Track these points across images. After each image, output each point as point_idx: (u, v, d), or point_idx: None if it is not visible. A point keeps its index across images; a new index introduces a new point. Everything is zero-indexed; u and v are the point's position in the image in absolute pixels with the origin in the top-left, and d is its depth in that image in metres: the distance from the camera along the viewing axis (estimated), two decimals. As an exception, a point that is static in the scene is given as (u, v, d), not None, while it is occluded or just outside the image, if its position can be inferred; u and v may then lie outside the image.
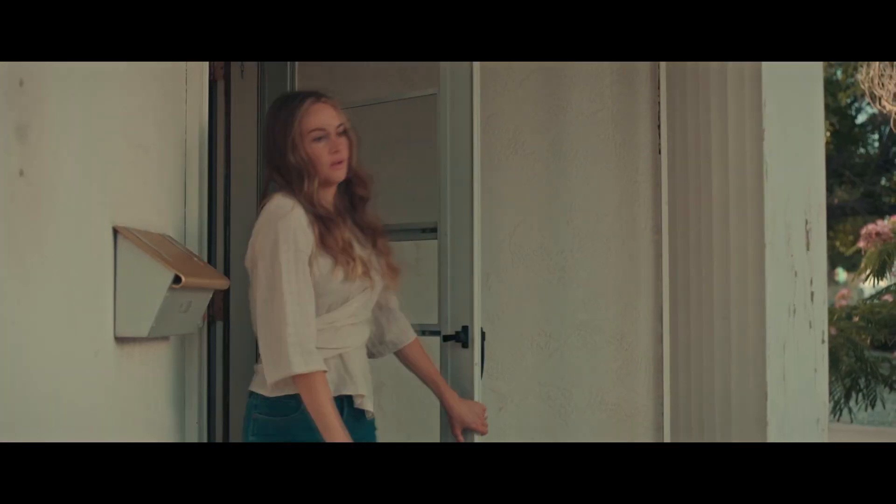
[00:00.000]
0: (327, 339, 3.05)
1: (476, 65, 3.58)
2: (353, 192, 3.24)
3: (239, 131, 4.66)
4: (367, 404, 3.11)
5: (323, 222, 3.04)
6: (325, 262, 3.02)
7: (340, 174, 3.13)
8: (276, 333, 2.92)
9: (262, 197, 3.14)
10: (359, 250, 3.14)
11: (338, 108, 3.15)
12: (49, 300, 2.51)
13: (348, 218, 3.22)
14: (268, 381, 2.95)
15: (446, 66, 3.62)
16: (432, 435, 3.63)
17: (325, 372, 2.93)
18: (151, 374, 3.05)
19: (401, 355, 3.43)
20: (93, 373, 2.74)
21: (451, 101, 3.63)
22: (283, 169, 3.09)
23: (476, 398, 3.51)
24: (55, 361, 2.54)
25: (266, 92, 4.47)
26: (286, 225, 2.96)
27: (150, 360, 3.05)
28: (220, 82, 4.56)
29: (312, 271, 2.99)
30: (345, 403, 3.06)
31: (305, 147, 3.07)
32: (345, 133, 3.14)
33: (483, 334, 3.60)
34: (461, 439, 3.41)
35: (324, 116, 3.11)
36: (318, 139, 3.08)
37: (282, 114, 3.12)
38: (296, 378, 2.91)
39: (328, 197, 3.15)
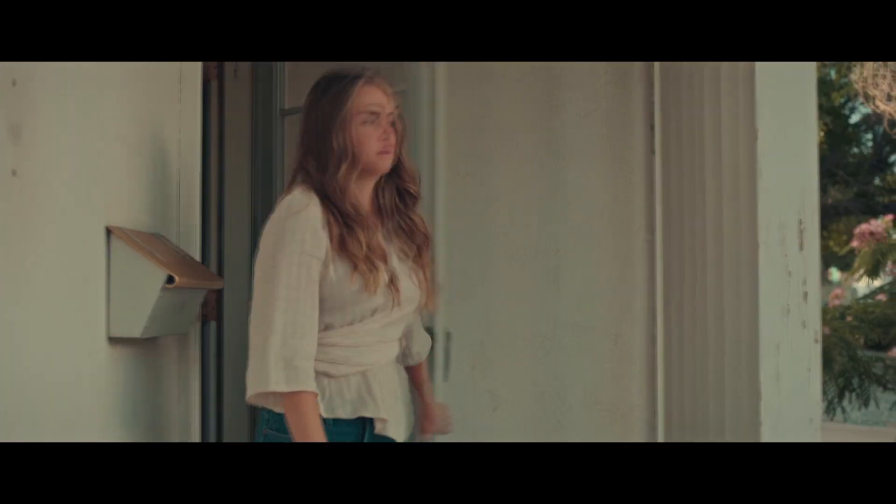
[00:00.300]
0: (348, 355, 2.75)
1: (441, 65, 3.55)
2: (401, 189, 2.92)
3: (232, 131, 4.66)
4: (391, 430, 2.80)
5: (346, 222, 2.71)
6: (342, 268, 2.69)
7: (386, 164, 2.81)
8: (261, 343, 2.62)
9: (287, 187, 2.83)
10: (395, 260, 2.84)
11: (391, 93, 2.85)
12: (43, 300, 2.51)
13: (392, 220, 2.91)
14: (247, 394, 2.67)
15: (414, 65, 3.58)
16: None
17: (314, 393, 2.63)
18: (144, 374, 3.05)
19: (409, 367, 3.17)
20: (86, 373, 2.74)
21: (416, 100, 3.60)
22: (322, 153, 2.76)
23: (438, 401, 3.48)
24: (49, 362, 2.54)
25: (259, 92, 4.48)
26: (294, 225, 2.65)
27: (144, 361, 3.04)
28: (214, 82, 4.56)
29: (328, 277, 2.68)
30: (367, 427, 2.77)
31: (354, 128, 2.75)
32: (396, 121, 2.84)
33: (448, 336, 3.59)
34: (426, 440, 3.31)
35: (378, 98, 2.80)
36: (369, 122, 2.77)
37: (331, 91, 2.78)
38: (282, 396, 2.63)
39: (365, 192, 2.84)
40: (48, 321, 2.54)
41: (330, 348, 2.73)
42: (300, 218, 2.66)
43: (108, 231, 2.82)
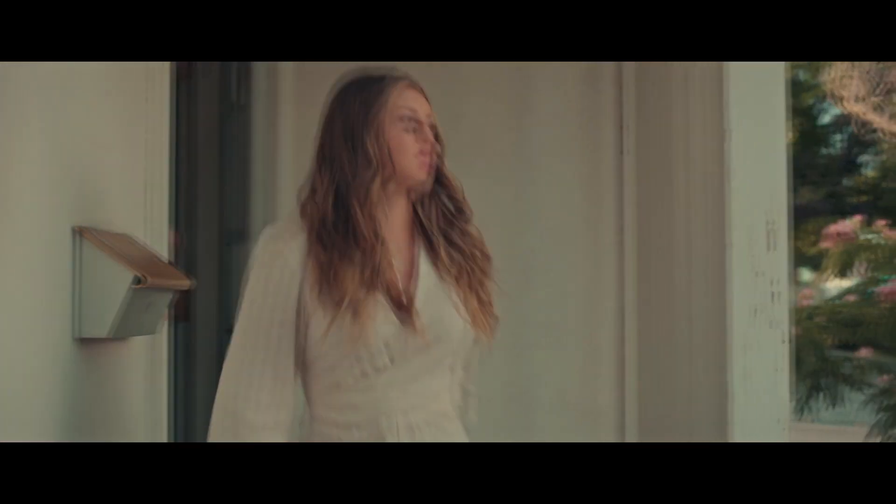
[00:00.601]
0: (365, 418, 2.39)
1: (289, 65, 3.57)
2: (445, 206, 2.56)
3: (203, 130, 4.64)
4: None
5: (341, 250, 2.33)
6: (330, 304, 2.31)
7: (424, 175, 2.46)
8: (216, 395, 2.40)
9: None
10: (429, 283, 2.44)
11: (429, 102, 2.52)
12: (9, 301, 2.49)
13: (437, 239, 2.51)
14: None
15: (261, 65, 3.59)
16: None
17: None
18: (113, 375, 3.04)
19: None
20: (53, 374, 2.72)
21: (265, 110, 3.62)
22: (349, 161, 2.38)
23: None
24: (14, 363, 2.52)
25: (221, 93, 4.48)
26: (262, 259, 2.37)
27: (112, 361, 3.03)
28: (184, 81, 4.55)
29: (313, 324, 2.34)
30: None
31: (393, 133, 2.41)
32: (435, 132, 2.51)
33: None
34: None
35: (421, 103, 2.48)
36: (409, 129, 2.43)
37: (365, 90, 2.44)
38: None
39: (395, 209, 2.46)
40: (14, 322, 2.51)
41: (345, 410, 2.40)
42: (267, 255, 2.38)
43: (76, 231, 2.80)
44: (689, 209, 3.59)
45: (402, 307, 2.37)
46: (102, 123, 2.98)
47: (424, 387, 2.46)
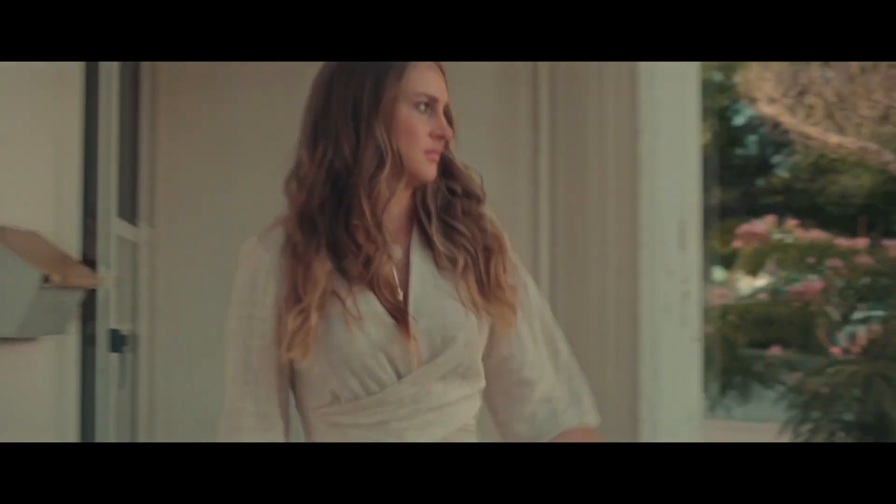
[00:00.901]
0: (371, 437, 2.04)
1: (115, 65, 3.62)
2: (454, 191, 2.16)
3: (122, 128, 4.61)
4: None
5: (323, 235, 1.96)
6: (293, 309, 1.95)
7: (431, 171, 2.07)
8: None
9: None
10: (424, 278, 2.05)
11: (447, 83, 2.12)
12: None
13: (434, 227, 2.09)
14: None
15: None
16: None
17: None
18: (21, 375, 3.00)
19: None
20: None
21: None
22: (348, 141, 1.98)
23: (110, 408, 3.48)
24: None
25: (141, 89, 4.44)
26: (238, 278, 2.00)
27: (21, 361, 2.99)
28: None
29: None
30: None
31: (404, 116, 2.01)
32: (449, 118, 2.12)
33: (122, 339, 3.58)
34: None
35: (437, 81, 2.11)
36: (421, 111, 2.05)
37: (371, 68, 2.05)
38: None
39: (397, 197, 2.04)
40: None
41: (349, 430, 2.04)
42: (243, 253, 2.02)
43: (-18, 229, 2.77)
44: (602, 209, 3.62)
45: (397, 307, 1.99)
46: (12, 122, 2.94)
47: (439, 399, 2.05)
